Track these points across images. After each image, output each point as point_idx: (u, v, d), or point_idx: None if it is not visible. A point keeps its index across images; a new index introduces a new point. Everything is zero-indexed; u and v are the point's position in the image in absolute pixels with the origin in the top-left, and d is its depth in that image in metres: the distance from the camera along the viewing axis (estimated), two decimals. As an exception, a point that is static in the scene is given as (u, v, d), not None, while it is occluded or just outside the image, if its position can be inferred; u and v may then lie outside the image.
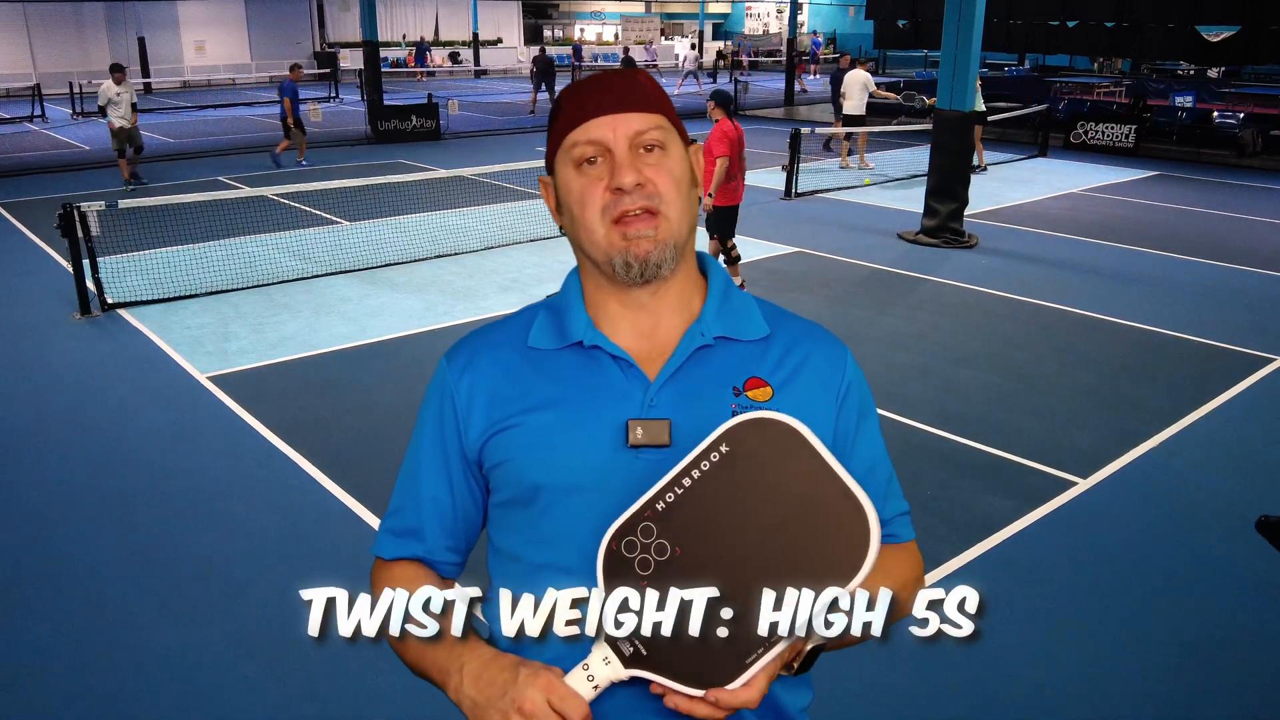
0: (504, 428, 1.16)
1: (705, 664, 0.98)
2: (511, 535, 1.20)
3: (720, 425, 1.00)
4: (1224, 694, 3.17)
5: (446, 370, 1.23)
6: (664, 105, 1.17)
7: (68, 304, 7.17)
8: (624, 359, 1.16)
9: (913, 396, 5.54)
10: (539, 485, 1.14)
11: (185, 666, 3.22)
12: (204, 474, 4.62)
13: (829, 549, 0.96)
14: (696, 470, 1.00)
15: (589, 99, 1.15)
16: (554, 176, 1.20)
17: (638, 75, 1.18)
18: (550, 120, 1.21)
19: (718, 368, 1.17)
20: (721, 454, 0.99)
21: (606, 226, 1.13)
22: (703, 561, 0.98)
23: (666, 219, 1.14)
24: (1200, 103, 17.25)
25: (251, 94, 26.73)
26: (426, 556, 1.24)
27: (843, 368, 1.22)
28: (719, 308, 1.21)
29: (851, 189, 12.65)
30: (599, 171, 1.14)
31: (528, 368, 1.19)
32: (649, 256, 1.13)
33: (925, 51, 30.16)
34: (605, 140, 1.13)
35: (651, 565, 0.99)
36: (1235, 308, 7.52)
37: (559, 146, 1.17)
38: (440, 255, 8.79)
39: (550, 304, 1.25)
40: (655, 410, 1.13)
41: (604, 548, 1.01)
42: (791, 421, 0.99)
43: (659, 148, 1.14)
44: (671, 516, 0.99)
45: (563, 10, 42.48)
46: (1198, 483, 4.59)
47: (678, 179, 1.15)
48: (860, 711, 3.06)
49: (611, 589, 1.00)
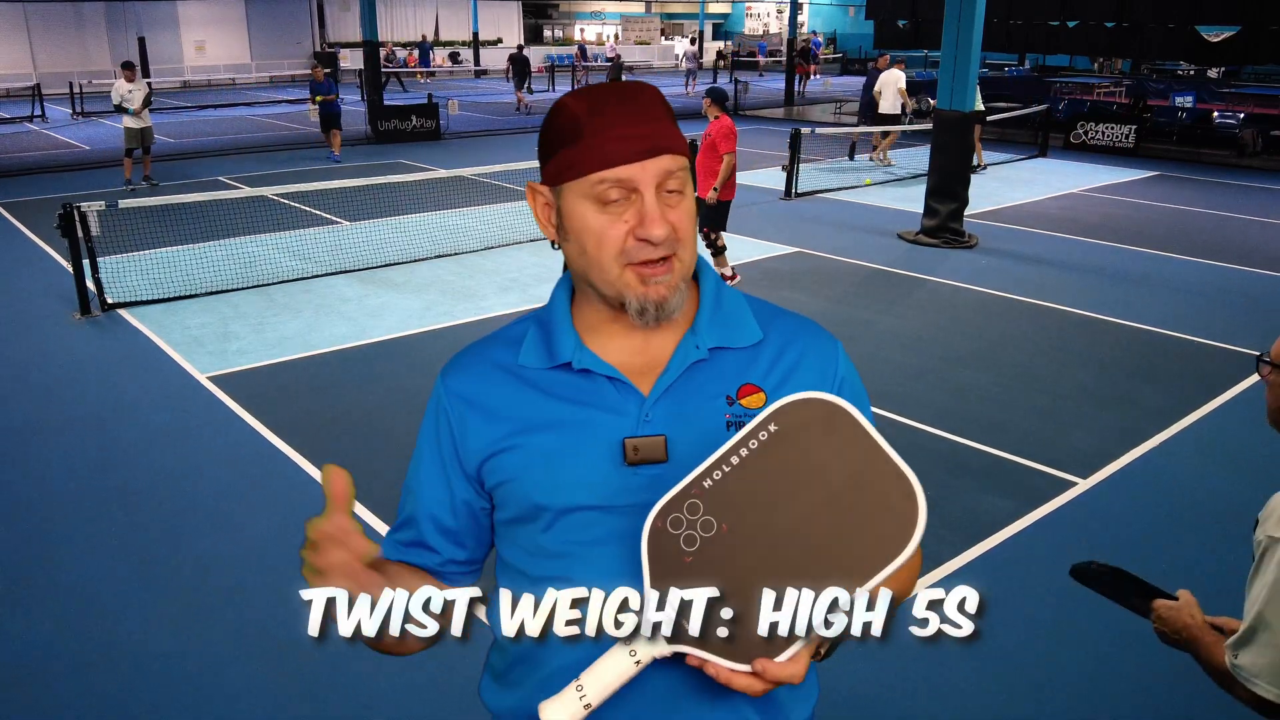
0: (502, 449, 1.16)
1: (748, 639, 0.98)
2: (516, 550, 1.21)
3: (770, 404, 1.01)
4: (1223, 694, 3.17)
5: (442, 391, 1.23)
6: (681, 138, 1.15)
7: (68, 304, 7.17)
8: (617, 378, 1.16)
9: (913, 396, 5.54)
10: (540, 506, 1.14)
11: (185, 666, 3.23)
12: (204, 474, 4.62)
13: (877, 527, 0.97)
14: (745, 448, 1.00)
15: (618, 139, 1.09)
16: (557, 195, 1.15)
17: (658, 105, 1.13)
18: (559, 134, 1.13)
19: (711, 378, 1.17)
20: (770, 432, 0.99)
21: (621, 268, 1.11)
22: (750, 537, 0.98)
23: (681, 260, 1.13)
24: (1200, 103, 17.24)
25: (251, 94, 26.74)
26: (435, 567, 1.25)
27: (835, 363, 1.23)
28: (711, 316, 1.20)
29: (852, 189, 12.65)
30: (621, 211, 1.10)
31: (523, 386, 1.18)
32: (665, 302, 1.12)
33: (925, 51, 30.14)
34: (634, 181, 1.09)
35: (697, 541, 1.00)
36: (1235, 308, 7.52)
37: (574, 176, 1.11)
38: (440, 255, 8.80)
39: (539, 318, 1.24)
40: (650, 426, 1.13)
41: (649, 525, 1.01)
42: (841, 402, 1.00)
43: (681, 188, 1.13)
44: (719, 493, 1.00)
45: (563, 10, 42.49)
46: (1198, 483, 4.59)
47: (692, 218, 1.15)
48: (860, 711, 3.06)
49: (655, 565, 1.00)
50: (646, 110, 1.12)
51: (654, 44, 40.53)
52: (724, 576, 0.98)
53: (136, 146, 11.92)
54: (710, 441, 1.09)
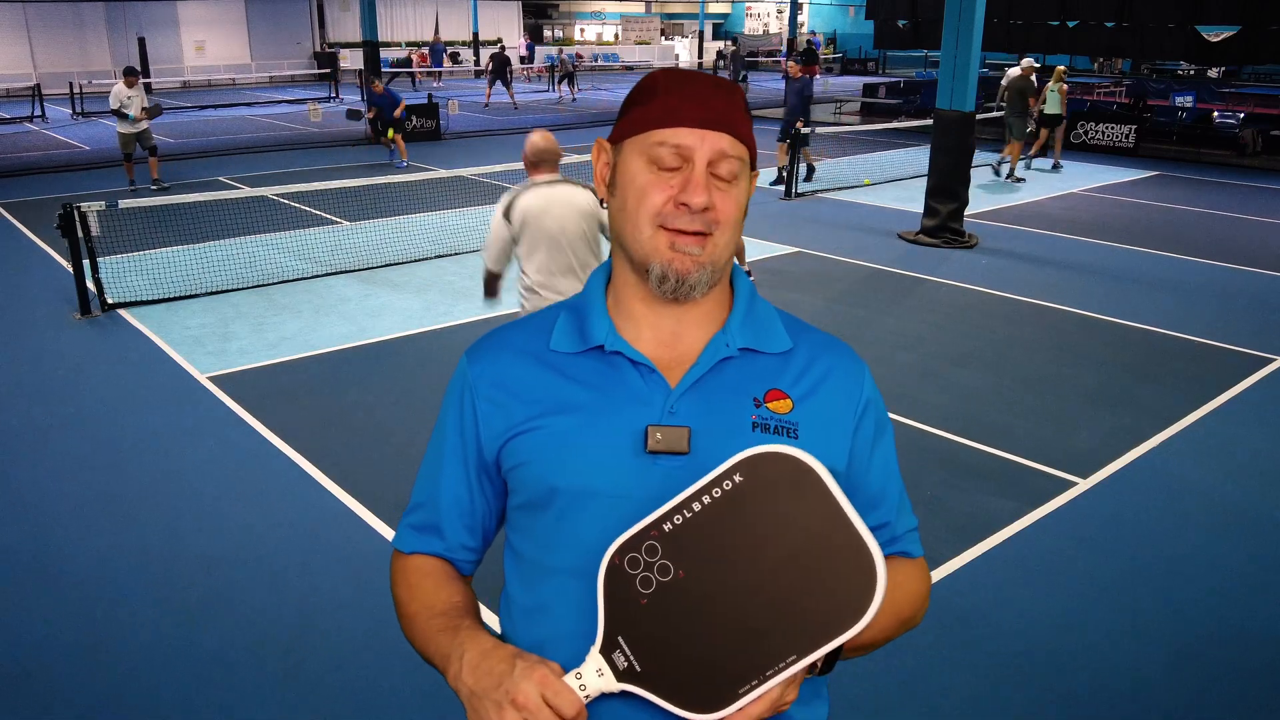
0: (523, 430, 1.17)
1: (698, 686, 0.98)
2: (527, 537, 1.20)
3: (737, 454, 0.99)
4: (1224, 693, 3.17)
5: (467, 370, 1.24)
6: (751, 137, 1.17)
7: (68, 304, 7.17)
8: (645, 365, 1.16)
9: (913, 396, 5.54)
10: (555, 488, 1.14)
11: (185, 666, 3.22)
12: (204, 474, 4.62)
13: (833, 592, 0.96)
14: (707, 496, 0.99)
15: (689, 101, 1.12)
16: (617, 152, 1.18)
17: (737, 96, 1.16)
18: (635, 97, 1.17)
19: (739, 378, 1.17)
20: (735, 483, 0.98)
21: (654, 229, 1.13)
22: (705, 587, 0.98)
23: (715, 244, 1.14)
24: (1200, 103, 17.25)
25: (251, 94, 26.74)
26: (445, 553, 1.26)
27: (861, 385, 1.23)
28: (744, 319, 1.21)
29: (851, 189, 12.66)
30: (670, 177, 1.12)
31: (548, 371, 1.19)
32: (688, 275, 1.13)
33: (925, 51, 30.14)
34: (690, 150, 1.11)
35: (653, 584, 0.99)
36: (1235, 308, 7.52)
37: (637, 132, 1.14)
38: (440, 255, 8.80)
39: (572, 305, 1.25)
40: (675, 418, 1.13)
41: (606, 561, 1.01)
42: (809, 459, 0.98)
43: (733, 179, 1.14)
44: (677, 539, 0.99)
45: (563, 10, 42.48)
46: (1197, 483, 4.59)
47: (739, 209, 1.16)
48: (860, 712, 3.06)
49: (610, 603, 1.00)
50: (724, 93, 1.15)
51: (654, 44, 40.52)
52: (677, 622, 0.99)
53: (133, 150, 11.75)
54: (734, 439, 1.09)
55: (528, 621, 1.18)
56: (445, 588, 1.21)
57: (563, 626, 1.13)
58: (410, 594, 1.22)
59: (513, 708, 0.97)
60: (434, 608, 1.17)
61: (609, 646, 1.01)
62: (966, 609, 3.58)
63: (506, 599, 1.23)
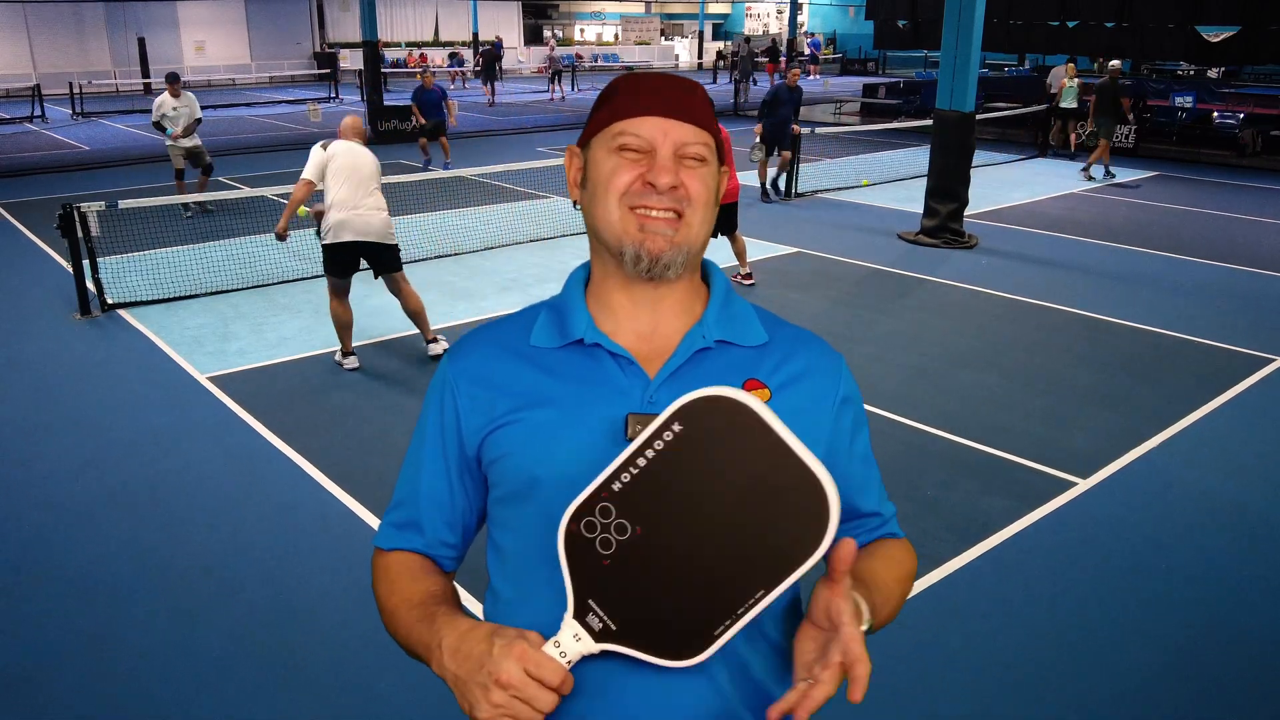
0: (504, 423, 1.18)
1: (674, 635, 1.00)
2: (508, 531, 1.21)
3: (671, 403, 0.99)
4: (1224, 694, 3.17)
5: (447, 368, 1.26)
6: (714, 128, 1.20)
7: (68, 304, 7.17)
8: (624, 356, 1.18)
9: (913, 396, 5.54)
10: (537, 478, 1.15)
11: (185, 666, 3.22)
12: (204, 474, 4.62)
13: (790, 523, 0.96)
14: (650, 450, 0.99)
15: (647, 96, 1.16)
16: (586, 153, 1.22)
17: (699, 91, 1.20)
18: (600, 101, 1.22)
19: (717, 369, 1.19)
20: (675, 432, 0.98)
21: (623, 211, 1.15)
22: (664, 539, 0.99)
23: (688, 225, 1.16)
24: (1200, 103, 17.23)
25: (251, 94, 26.74)
26: (425, 549, 1.27)
27: (838, 379, 1.25)
28: (720, 313, 1.24)
29: (851, 189, 12.66)
30: (637, 160, 1.16)
31: (529, 365, 1.21)
32: (661, 255, 1.15)
33: (925, 51, 30.14)
34: (653, 140, 1.15)
35: (613, 544, 1.00)
36: (1235, 308, 7.52)
37: (602, 129, 1.19)
38: (440, 255, 8.80)
39: (552, 303, 1.27)
40: (655, 407, 1.14)
41: (563, 529, 1.03)
42: (742, 396, 0.98)
43: (701, 160, 1.17)
44: (629, 496, 1.00)
45: (563, 10, 42.49)
46: (1197, 483, 4.59)
47: (708, 190, 1.18)
48: (860, 712, 3.05)
49: (575, 569, 1.02)
50: (684, 87, 1.19)
51: (654, 44, 40.53)
52: (642, 577, 1.00)
53: (184, 167, 10.55)
54: None
55: (513, 613, 1.19)
56: (422, 580, 1.22)
57: (547, 614, 1.13)
58: (389, 589, 1.22)
59: (498, 687, 0.98)
60: (411, 600, 1.18)
61: (581, 611, 1.02)
62: (965, 609, 3.58)
63: (492, 594, 1.25)
